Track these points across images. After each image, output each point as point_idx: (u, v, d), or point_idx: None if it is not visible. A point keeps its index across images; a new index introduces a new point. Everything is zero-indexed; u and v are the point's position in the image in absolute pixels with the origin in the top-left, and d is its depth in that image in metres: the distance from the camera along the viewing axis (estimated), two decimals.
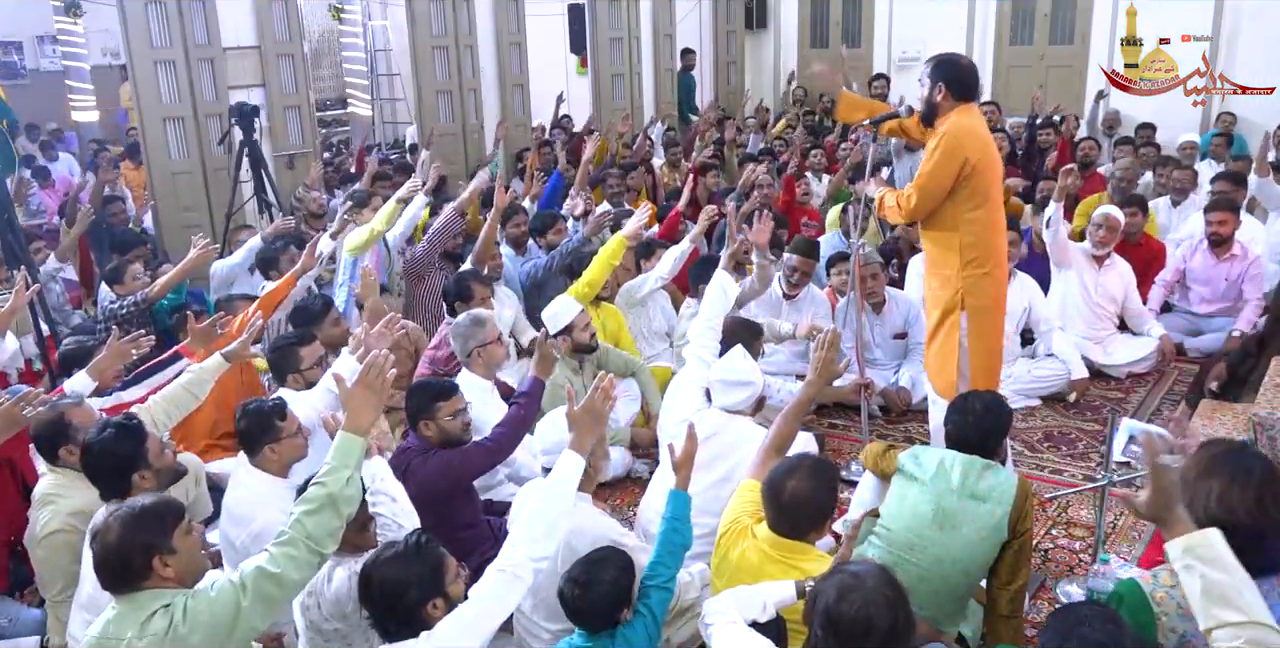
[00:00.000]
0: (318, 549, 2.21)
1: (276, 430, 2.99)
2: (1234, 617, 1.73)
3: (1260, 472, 2.05)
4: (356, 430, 2.33)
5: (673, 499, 2.75)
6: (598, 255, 4.70)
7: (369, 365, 2.38)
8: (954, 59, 3.48)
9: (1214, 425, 3.79)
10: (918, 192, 3.40)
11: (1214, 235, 5.34)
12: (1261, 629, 1.71)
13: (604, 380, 2.64)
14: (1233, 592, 1.76)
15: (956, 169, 3.32)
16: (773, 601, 2.32)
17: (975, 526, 2.73)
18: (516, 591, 2.27)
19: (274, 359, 3.75)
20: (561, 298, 4.37)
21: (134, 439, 2.77)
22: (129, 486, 2.73)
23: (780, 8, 12.23)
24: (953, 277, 3.47)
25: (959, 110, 3.37)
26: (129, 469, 2.74)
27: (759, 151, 8.21)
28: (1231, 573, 1.78)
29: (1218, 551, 1.80)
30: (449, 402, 3.18)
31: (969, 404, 2.90)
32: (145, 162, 7.23)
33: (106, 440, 2.74)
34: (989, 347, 3.55)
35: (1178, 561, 1.83)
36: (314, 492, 2.25)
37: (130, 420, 2.85)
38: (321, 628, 2.54)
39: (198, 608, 2.09)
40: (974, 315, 3.48)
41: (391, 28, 11.76)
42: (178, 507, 2.25)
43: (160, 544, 2.13)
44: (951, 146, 3.30)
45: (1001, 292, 3.58)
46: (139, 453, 2.76)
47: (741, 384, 3.34)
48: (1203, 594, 1.77)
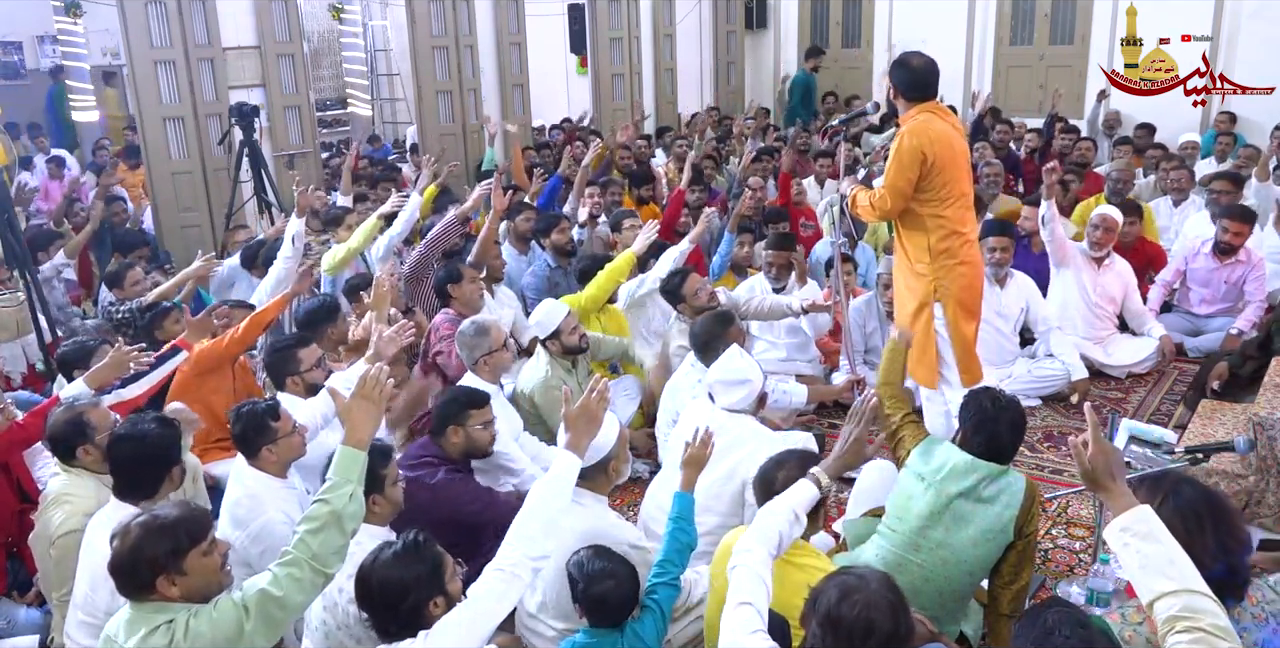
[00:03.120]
0: (322, 570, 2.19)
1: (271, 431, 2.97)
2: (1169, 586, 1.78)
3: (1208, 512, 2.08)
4: (357, 444, 2.32)
5: (677, 500, 2.78)
6: (604, 270, 4.70)
7: (366, 378, 2.37)
8: (906, 61, 3.62)
9: (1214, 425, 3.79)
10: (888, 191, 3.56)
11: (1225, 244, 5.30)
12: (1195, 596, 1.77)
13: (599, 383, 2.65)
14: (1166, 563, 1.82)
15: (918, 166, 3.48)
16: (800, 506, 2.37)
17: (981, 527, 2.73)
18: (515, 590, 2.27)
19: (271, 362, 3.70)
20: (548, 302, 4.37)
21: (173, 434, 2.82)
22: (160, 483, 2.77)
23: (780, 8, 12.23)
24: (925, 270, 3.63)
25: (918, 108, 3.54)
26: (168, 464, 2.79)
27: (757, 151, 8.21)
28: (1165, 544, 1.84)
29: (1150, 525, 1.87)
30: (481, 411, 3.23)
31: (999, 412, 2.78)
32: (145, 162, 7.23)
33: (149, 432, 2.76)
34: (965, 334, 3.71)
35: (1115, 540, 1.89)
36: (317, 509, 2.22)
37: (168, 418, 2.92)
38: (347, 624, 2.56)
39: (199, 629, 2.07)
40: (948, 304, 3.64)
41: (391, 28, 11.77)
42: (203, 525, 2.21)
43: (169, 564, 2.11)
44: (909, 145, 3.47)
45: (974, 281, 3.72)
46: (177, 447, 2.82)
47: (740, 383, 3.35)
48: (1140, 569, 1.84)
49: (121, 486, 2.78)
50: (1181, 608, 1.75)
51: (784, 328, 5.00)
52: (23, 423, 3.31)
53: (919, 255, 3.64)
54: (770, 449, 3.08)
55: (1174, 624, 1.75)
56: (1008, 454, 2.82)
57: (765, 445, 3.18)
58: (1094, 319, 5.26)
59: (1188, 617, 1.74)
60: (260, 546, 2.81)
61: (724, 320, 3.89)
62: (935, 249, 3.59)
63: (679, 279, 4.56)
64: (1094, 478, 1.95)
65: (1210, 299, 5.50)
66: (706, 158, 7.97)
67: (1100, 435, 1.96)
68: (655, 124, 10.77)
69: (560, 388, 4.08)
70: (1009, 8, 10.56)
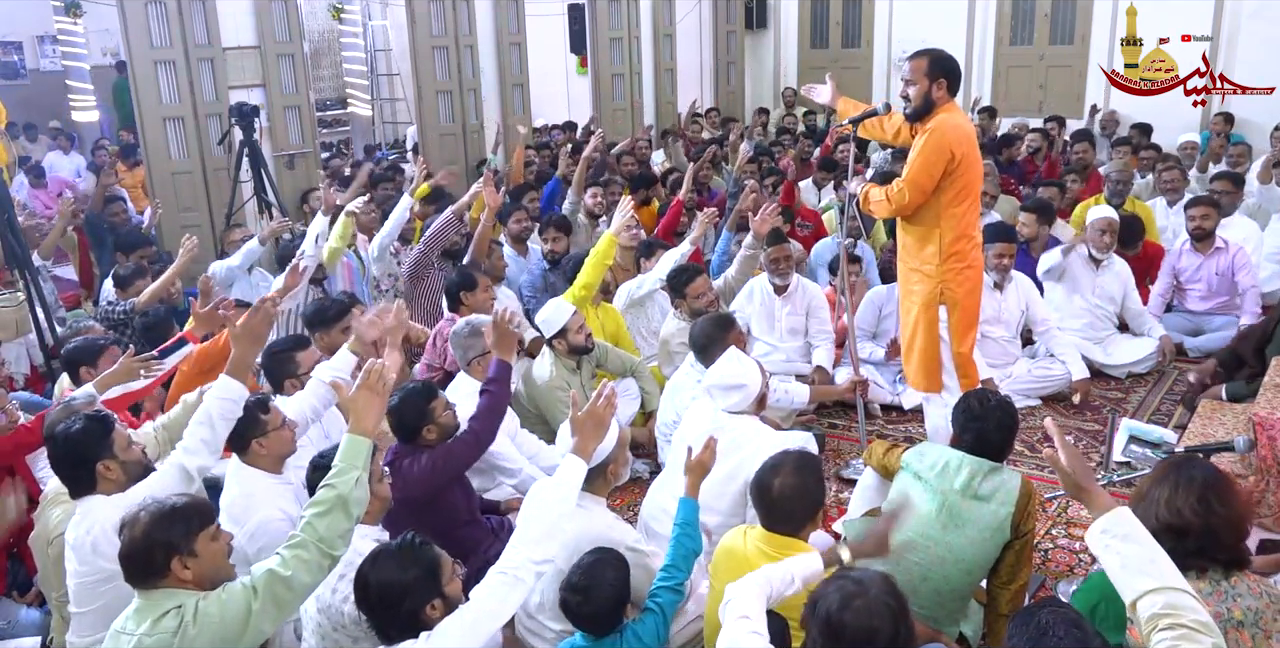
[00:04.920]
0: (329, 552, 2.22)
1: (261, 424, 2.97)
2: (1150, 584, 1.80)
3: (1203, 476, 2.19)
4: (363, 432, 2.36)
5: (682, 506, 2.79)
6: (589, 257, 4.70)
7: (369, 369, 2.41)
8: (946, 55, 3.57)
9: (1214, 425, 3.79)
10: (909, 186, 3.48)
11: (1197, 230, 5.37)
12: (1176, 593, 1.78)
13: (606, 388, 2.65)
14: (1146, 562, 1.84)
15: (945, 164, 3.43)
16: (803, 576, 2.34)
17: (978, 526, 2.74)
18: (518, 593, 2.27)
19: (269, 365, 3.65)
20: (554, 301, 4.37)
21: (100, 429, 2.72)
22: (94, 477, 2.69)
23: (780, 8, 12.23)
24: (933, 271, 3.60)
25: (946, 106, 3.49)
26: (93, 458, 2.69)
27: (756, 151, 8.21)
28: (1144, 544, 1.87)
29: (1129, 526, 1.89)
30: (438, 400, 3.24)
31: (987, 411, 2.83)
32: (145, 162, 7.23)
33: (72, 429, 2.70)
34: (965, 339, 3.70)
35: (1096, 543, 1.91)
36: (323, 494, 2.26)
37: (99, 413, 2.82)
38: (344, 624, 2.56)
39: (209, 610, 2.11)
40: (954, 308, 3.63)
41: (391, 28, 11.76)
42: (207, 510, 2.28)
43: (182, 546, 2.16)
44: (940, 142, 3.42)
45: (978, 285, 3.73)
46: (104, 443, 2.71)
47: (736, 387, 3.34)
48: (1122, 569, 1.85)
49: (64, 481, 2.78)
50: (1164, 606, 1.76)
51: (785, 330, 5.01)
52: (29, 427, 3.29)
53: (928, 257, 3.59)
54: (772, 449, 3.08)
55: (1157, 622, 1.76)
56: (998, 454, 2.84)
57: (767, 446, 3.18)
58: (1094, 319, 5.26)
59: (1170, 614, 1.75)
60: (258, 543, 2.81)
61: (723, 324, 3.86)
62: (947, 251, 3.56)
63: (687, 276, 4.57)
64: (1075, 482, 1.98)
65: (1205, 295, 5.51)
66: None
67: (1066, 441, 2.02)
68: (655, 125, 10.78)
69: (565, 388, 4.14)
70: (1009, 8, 10.57)
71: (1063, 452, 1.99)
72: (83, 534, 2.60)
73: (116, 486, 2.72)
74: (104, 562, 2.51)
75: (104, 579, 2.56)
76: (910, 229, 3.66)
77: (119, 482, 2.72)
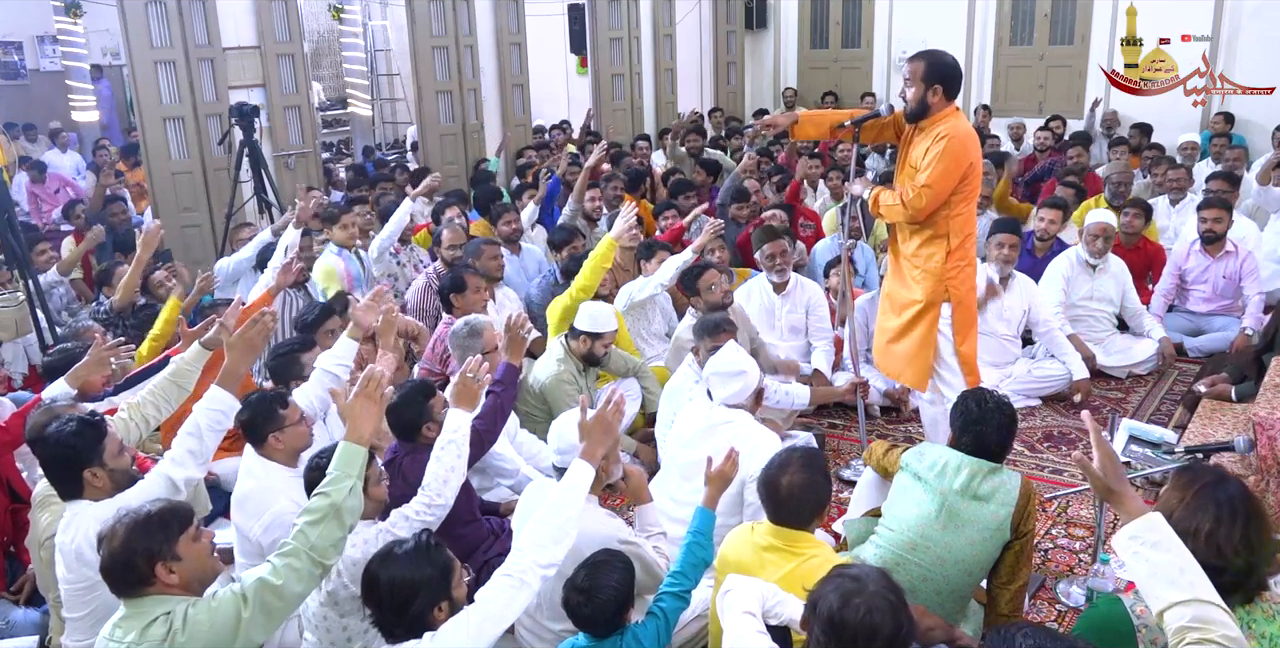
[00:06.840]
0: (320, 561, 2.21)
1: (280, 418, 2.99)
2: (1179, 595, 1.75)
3: (1243, 509, 2.05)
4: (358, 440, 2.36)
5: (699, 516, 2.78)
6: (587, 260, 4.71)
7: (367, 377, 2.41)
8: (945, 59, 3.56)
9: (1214, 425, 3.79)
10: (927, 192, 3.47)
11: (1208, 233, 5.35)
12: (1206, 606, 1.73)
13: (615, 395, 2.65)
14: (1176, 572, 1.78)
15: (962, 172, 3.47)
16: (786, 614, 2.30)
17: (978, 526, 2.74)
18: (523, 597, 2.27)
19: (275, 366, 3.71)
20: (606, 308, 4.38)
21: (92, 434, 2.67)
22: (80, 483, 2.65)
23: (780, 8, 12.23)
24: (937, 270, 3.61)
25: (951, 111, 3.52)
26: (81, 464, 2.65)
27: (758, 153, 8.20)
28: (1175, 553, 1.80)
29: (1161, 533, 1.83)
30: (437, 397, 3.24)
31: (986, 413, 2.81)
32: (145, 162, 7.23)
33: (64, 432, 2.64)
34: (970, 334, 3.74)
35: (1125, 549, 1.85)
36: (317, 502, 2.25)
37: (94, 417, 2.78)
38: (340, 598, 2.55)
39: (198, 618, 2.08)
40: (958, 307, 3.66)
41: (391, 28, 11.78)
42: (186, 512, 2.23)
43: (163, 551, 2.11)
44: (958, 151, 3.45)
45: (975, 282, 3.79)
46: (95, 449, 2.66)
47: (735, 375, 3.36)
48: (1150, 577, 1.80)
49: (53, 484, 2.75)
50: (1192, 618, 1.72)
51: (786, 328, 5.01)
52: (6, 425, 3.27)
53: (933, 256, 3.59)
54: (770, 448, 3.08)
55: (1184, 635, 1.72)
56: (996, 454, 2.83)
57: (765, 444, 3.19)
58: (1093, 320, 5.26)
59: (1198, 628, 1.71)
60: (272, 536, 2.80)
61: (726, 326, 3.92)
62: (954, 252, 3.58)
63: (696, 271, 4.60)
64: (1106, 486, 1.92)
65: (1209, 297, 5.51)
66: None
67: (1103, 440, 1.94)
68: (655, 125, 10.78)
69: (573, 382, 4.20)
70: (1009, 8, 10.56)
71: (1097, 450, 1.93)
72: (68, 541, 2.57)
73: (103, 493, 2.67)
74: (89, 571, 2.47)
75: (89, 588, 2.54)
76: (917, 230, 3.64)
77: (105, 490, 2.67)
